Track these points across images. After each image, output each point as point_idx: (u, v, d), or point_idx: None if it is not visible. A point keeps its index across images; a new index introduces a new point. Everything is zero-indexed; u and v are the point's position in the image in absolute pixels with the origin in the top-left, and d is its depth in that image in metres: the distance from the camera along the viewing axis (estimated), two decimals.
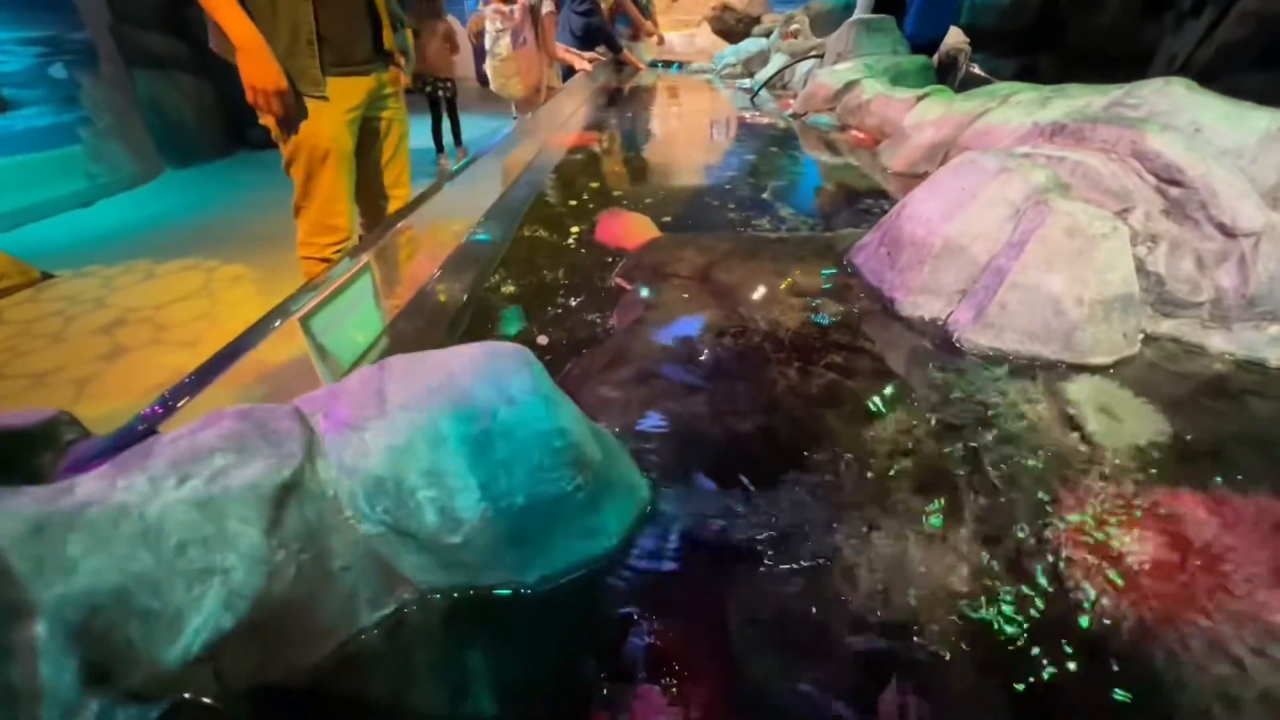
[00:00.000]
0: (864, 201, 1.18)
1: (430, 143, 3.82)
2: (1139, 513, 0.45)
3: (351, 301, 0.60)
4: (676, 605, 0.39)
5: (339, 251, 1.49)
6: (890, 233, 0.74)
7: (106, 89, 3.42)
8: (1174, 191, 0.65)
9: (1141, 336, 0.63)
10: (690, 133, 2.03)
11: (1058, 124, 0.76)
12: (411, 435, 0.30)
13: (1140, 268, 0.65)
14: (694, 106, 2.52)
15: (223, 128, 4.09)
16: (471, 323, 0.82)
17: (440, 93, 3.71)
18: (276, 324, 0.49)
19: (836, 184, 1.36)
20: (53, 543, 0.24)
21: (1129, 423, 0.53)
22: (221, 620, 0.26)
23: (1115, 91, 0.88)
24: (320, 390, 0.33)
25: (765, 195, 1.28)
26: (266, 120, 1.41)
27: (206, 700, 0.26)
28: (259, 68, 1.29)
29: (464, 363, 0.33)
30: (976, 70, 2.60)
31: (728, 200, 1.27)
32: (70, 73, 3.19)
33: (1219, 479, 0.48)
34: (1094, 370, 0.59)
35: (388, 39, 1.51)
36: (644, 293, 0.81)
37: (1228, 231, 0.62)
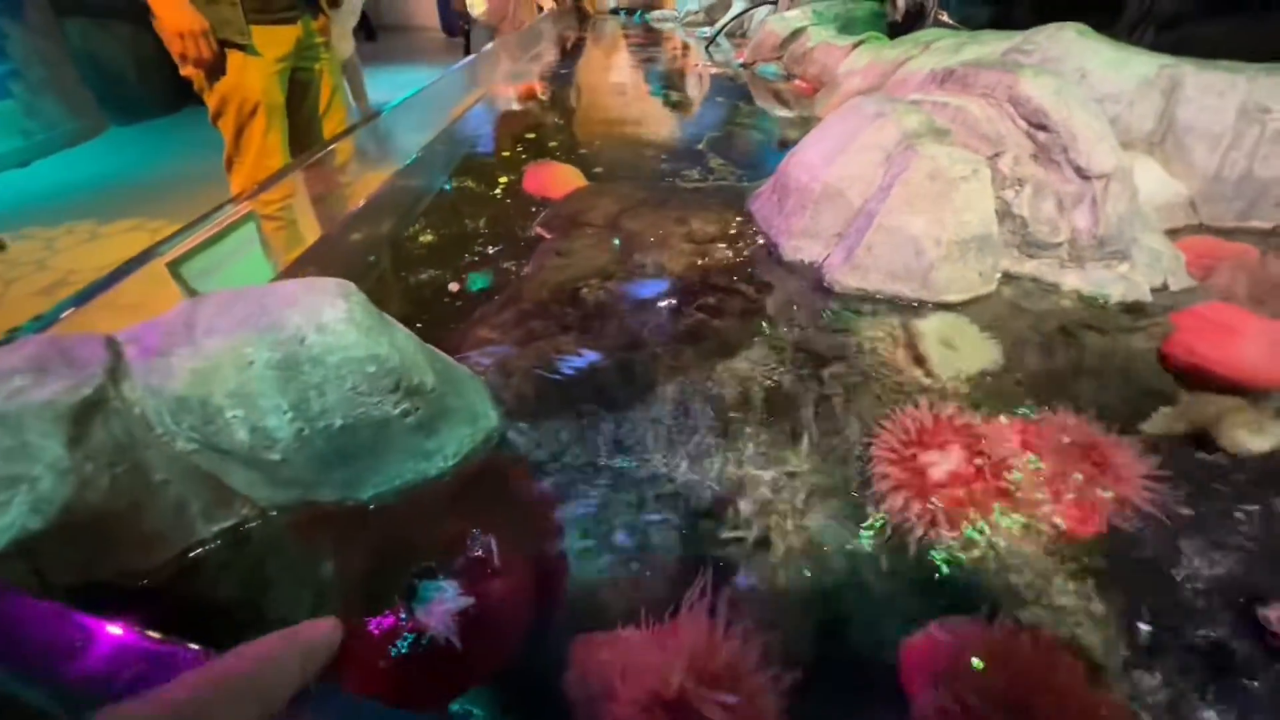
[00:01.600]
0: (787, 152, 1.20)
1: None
2: (951, 435, 0.50)
3: (237, 246, 0.61)
4: (509, 522, 0.43)
5: (283, 208, 1.48)
6: (780, 179, 0.76)
7: (36, 39, 3.23)
8: (1041, 136, 0.68)
9: (1000, 276, 0.67)
10: (639, 83, 1.99)
11: (948, 70, 0.78)
12: (217, 359, 0.33)
13: (1007, 210, 0.68)
14: (649, 56, 2.46)
15: (169, 82, 3.90)
16: (380, 270, 0.84)
17: None
18: (137, 270, 0.50)
19: (769, 134, 1.36)
20: None
21: (967, 356, 0.58)
22: (28, 521, 0.29)
23: (1017, 38, 0.89)
24: (139, 324, 0.35)
25: (700, 146, 1.28)
26: (189, 71, 1.37)
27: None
28: (178, 11, 1.25)
29: (278, 295, 0.36)
30: (946, 19, 2.56)
31: (662, 151, 1.27)
32: None
33: (1035, 405, 0.53)
34: (948, 308, 0.63)
35: None
36: (558, 241, 0.83)
37: (1083, 174, 0.65)
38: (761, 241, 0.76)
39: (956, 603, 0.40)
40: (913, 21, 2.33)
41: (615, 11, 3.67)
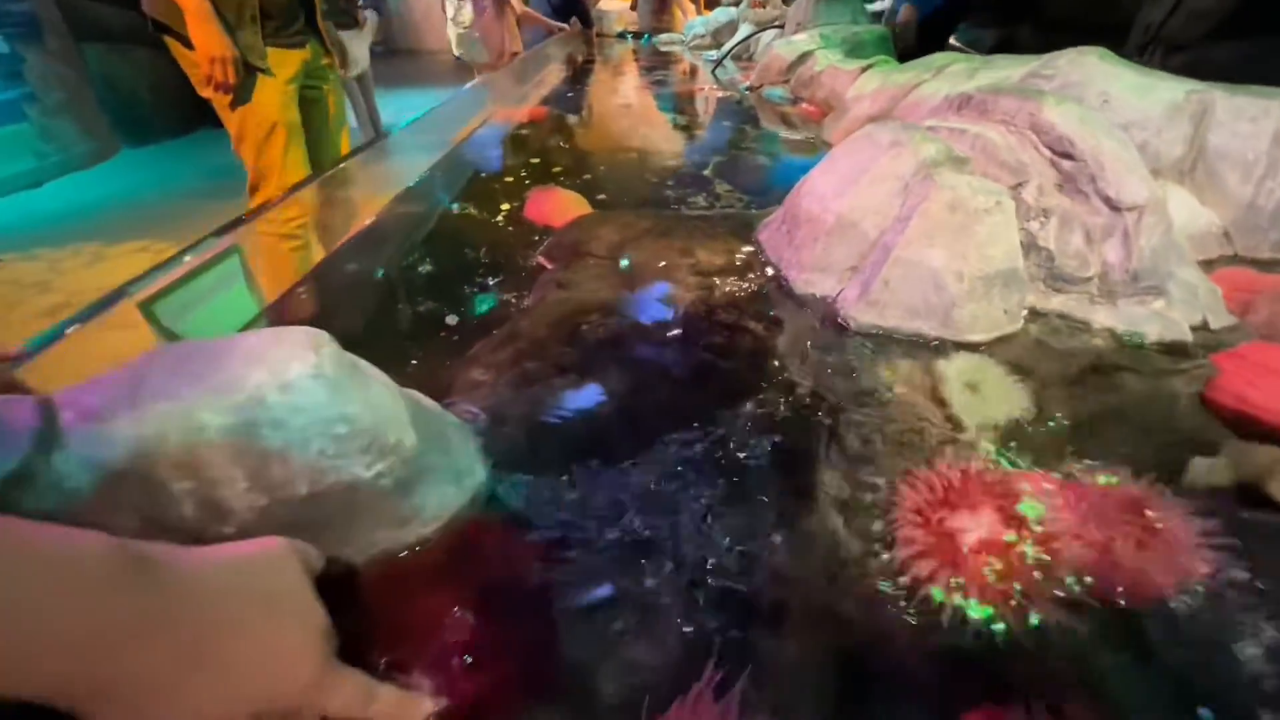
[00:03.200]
0: (796, 178, 1.17)
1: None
2: (981, 494, 0.45)
3: (221, 280, 0.58)
4: (494, 598, 0.38)
5: (302, 226, 1.50)
6: (790, 209, 0.73)
7: (54, 64, 3.29)
8: (1066, 164, 0.64)
9: (1026, 313, 0.63)
10: (646, 108, 1.99)
11: (965, 96, 0.75)
12: (162, 426, 0.29)
13: (1032, 243, 0.64)
14: (655, 80, 2.46)
15: (182, 105, 3.96)
16: (375, 302, 0.81)
17: None
18: (108, 310, 0.47)
19: (776, 159, 1.34)
20: None
21: (994, 401, 0.53)
22: None
23: (1035, 63, 0.86)
24: (84, 381, 0.32)
25: (706, 172, 1.26)
26: (211, 93, 1.39)
27: None
28: (214, 36, 1.29)
29: (240, 350, 0.32)
30: (953, 42, 2.55)
31: (668, 177, 1.25)
32: (12, 46, 3.06)
33: (1071, 456, 0.49)
34: (973, 347, 0.59)
35: (319, 15, 1.50)
36: (560, 272, 0.80)
37: (1113, 205, 0.61)
38: (771, 274, 0.72)
39: (994, 685, 0.36)
40: (924, 45, 2.31)
41: (622, 35, 3.71)
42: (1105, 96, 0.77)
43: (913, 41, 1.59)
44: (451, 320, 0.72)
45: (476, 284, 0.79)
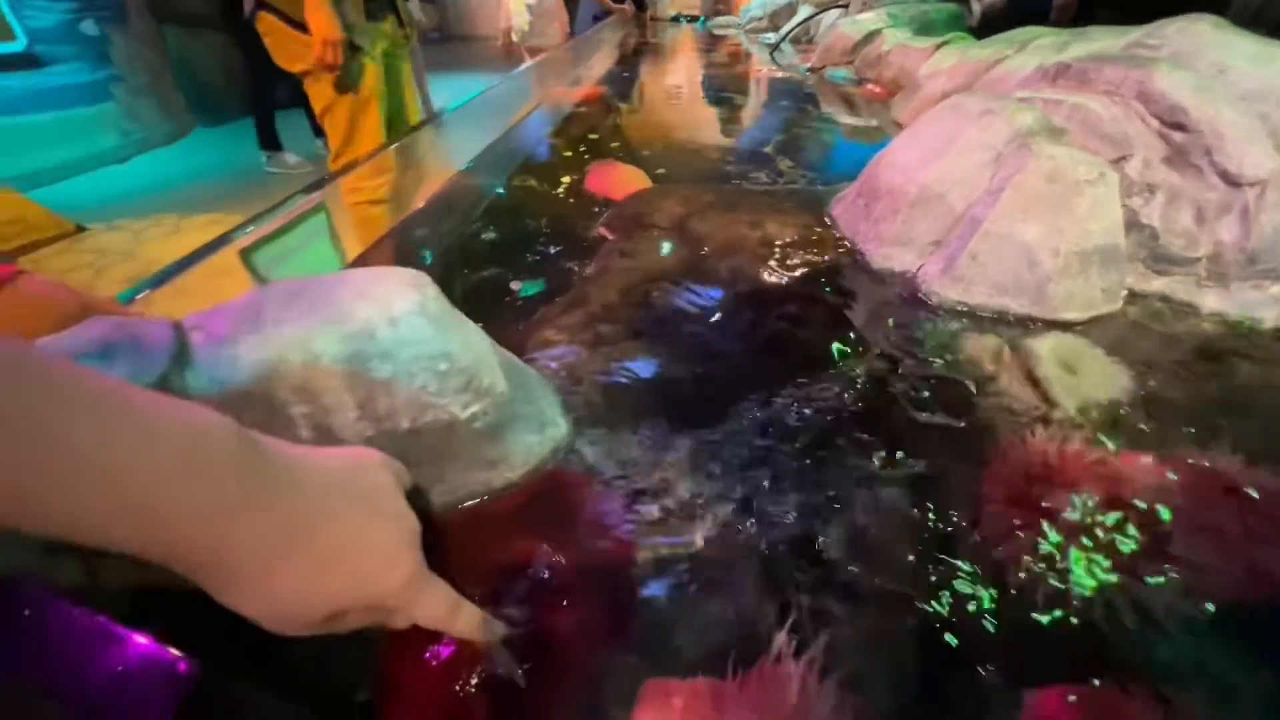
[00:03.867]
0: (865, 156, 1.13)
1: None
2: (1080, 473, 0.43)
3: (307, 236, 0.60)
4: (577, 545, 0.39)
5: (383, 190, 1.58)
6: (868, 182, 0.71)
7: (138, 46, 3.47)
8: (1177, 137, 0.60)
9: (1126, 294, 0.59)
10: (702, 89, 1.96)
11: (1061, 65, 0.70)
12: (284, 351, 0.30)
13: (1134, 220, 0.60)
14: (711, 62, 2.42)
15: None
16: (441, 268, 0.82)
17: None
18: (211, 255, 0.49)
19: (840, 138, 1.30)
20: None
21: (1092, 380, 0.50)
22: None
23: (1136, 32, 0.81)
24: (208, 309, 0.33)
25: (768, 149, 1.23)
26: (316, 68, 1.46)
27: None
28: (329, 20, 1.37)
29: (348, 285, 0.33)
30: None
31: (728, 154, 1.23)
32: (102, 29, 3.24)
33: (1179, 441, 0.46)
34: (1066, 326, 0.56)
35: None
36: (621, 243, 0.80)
37: (1231, 180, 0.57)
38: (846, 247, 0.70)
39: (1086, 667, 0.34)
40: (995, 27, 2.19)
41: (677, 19, 3.66)
42: (1220, 67, 0.71)
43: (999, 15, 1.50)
44: (515, 286, 0.73)
45: (538, 252, 0.80)
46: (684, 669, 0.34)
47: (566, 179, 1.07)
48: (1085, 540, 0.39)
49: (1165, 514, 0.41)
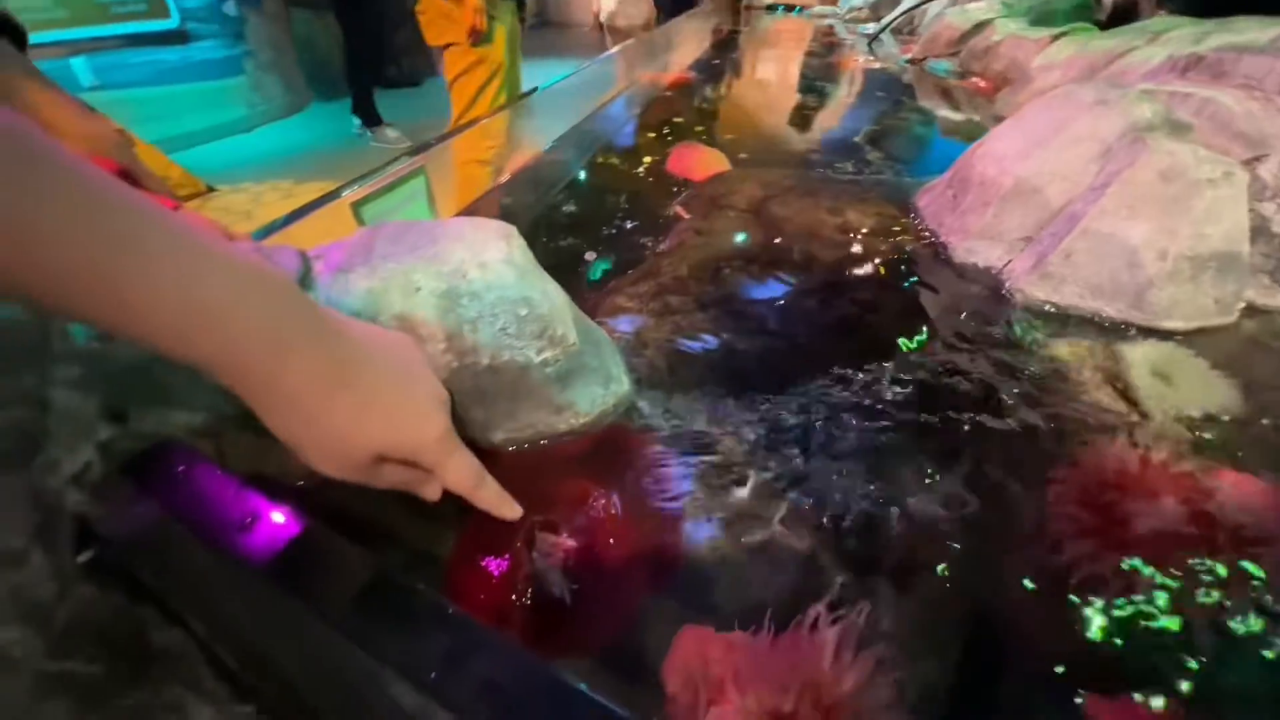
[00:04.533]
0: (959, 151, 1.08)
1: None
2: (1164, 484, 0.41)
3: (405, 198, 0.65)
4: (630, 492, 0.41)
5: (493, 152, 1.71)
6: (961, 171, 0.68)
7: (269, 26, 3.80)
8: None
9: (1242, 307, 0.54)
10: (793, 77, 1.91)
11: (1194, 56, 0.65)
12: (388, 282, 0.34)
13: (1263, 228, 0.55)
14: (805, 51, 2.36)
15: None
16: (524, 233, 0.86)
17: None
18: (325, 206, 0.55)
19: (936, 131, 1.24)
20: None
21: (1189, 393, 0.47)
22: (223, 408, 0.31)
23: None
24: (330, 243, 0.38)
25: (857, 139, 1.20)
26: (466, 39, 1.59)
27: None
28: None
29: (448, 229, 0.37)
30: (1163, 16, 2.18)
31: (815, 143, 1.21)
32: (240, 10, 3.56)
33: None
34: (1166, 335, 0.52)
35: None
36: (698, 221, 0.81)
37: None
38: (928, 239, 0.68)
39: (1145, 684, 0.32)
40: (1124, 17, 2.00)
41: (773, 7, 3.57)
42: None
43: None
44: (590, 256, 0.76)
45: (615, 227, 0.83)
46: (720, 622, 0.36)
47: (648, 160, 1.09)
48: (1157, 552, 0.37)
49: (1260, 535, 0.38)
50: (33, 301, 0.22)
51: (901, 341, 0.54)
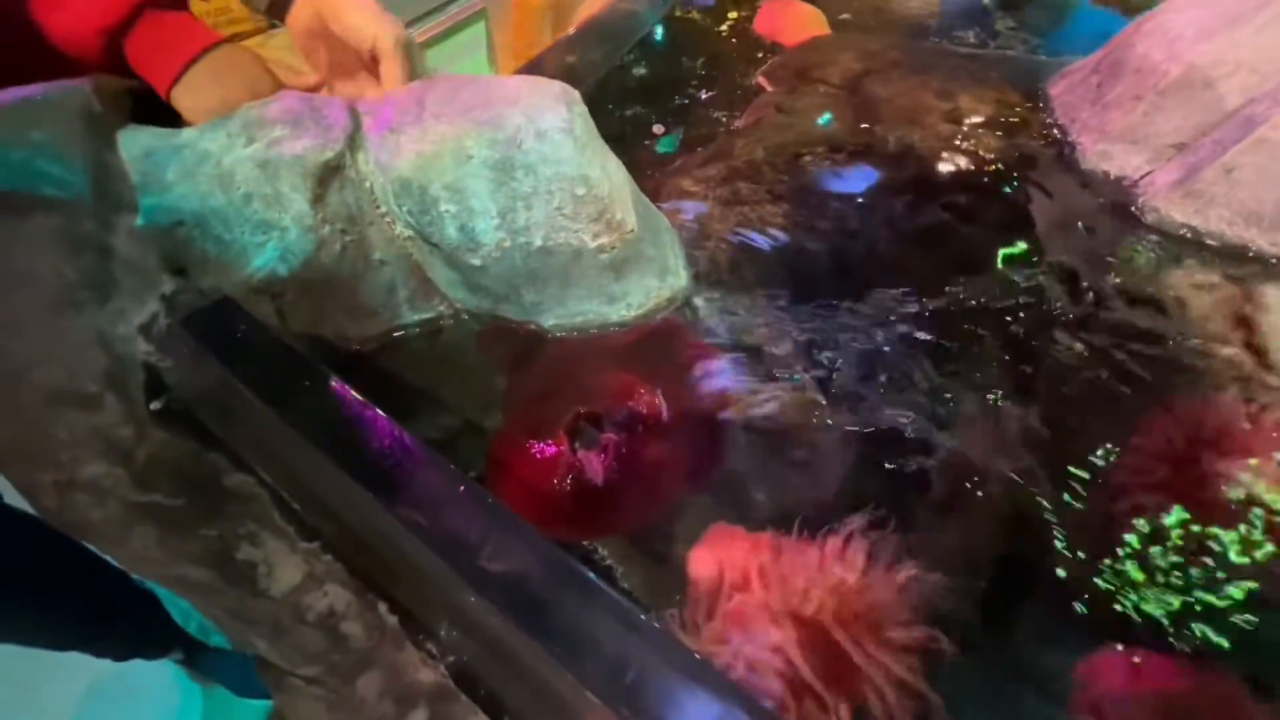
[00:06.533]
0: (1115, 27, 0.89)
1: None
2: (1264, 445, 0.36)
3: (464, 46, 0.60)
4: (676, 389, 0.40)
5: None
6: (1115, 52, 0.56)
7: None
8: None
9: None
10: None
11: None
12: (439, 146, 0.31)
13: None
14: None
15: None
16: (585, 98, 0.80)
17: None
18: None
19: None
20: (156, 166, 0.29)
21: None
22: (277, 268, 0.31)
23: None
24: (379, 96, 0.35)
25: (986, 2, 1.00)
26: None
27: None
28: None
29: (504, 89, 0.33)
30: None
31: (933, 3, 1.02)
32: None
33: None
34: None
35: None
36: (781, 95, 0.72)
37: None
38: (1055, 136, 0.58)
39: (1184, 642, 0.32)
40: None
41: None
42: None
43: None
44: (658, 130, 0.69)
45: (688, 95, 0.75)
46: (752, 524, 0.36)
47: (734, 15, 0.95)
48: (1232, 515, 0.34)
49: None
50: None
51: (996, 256, 0.48)
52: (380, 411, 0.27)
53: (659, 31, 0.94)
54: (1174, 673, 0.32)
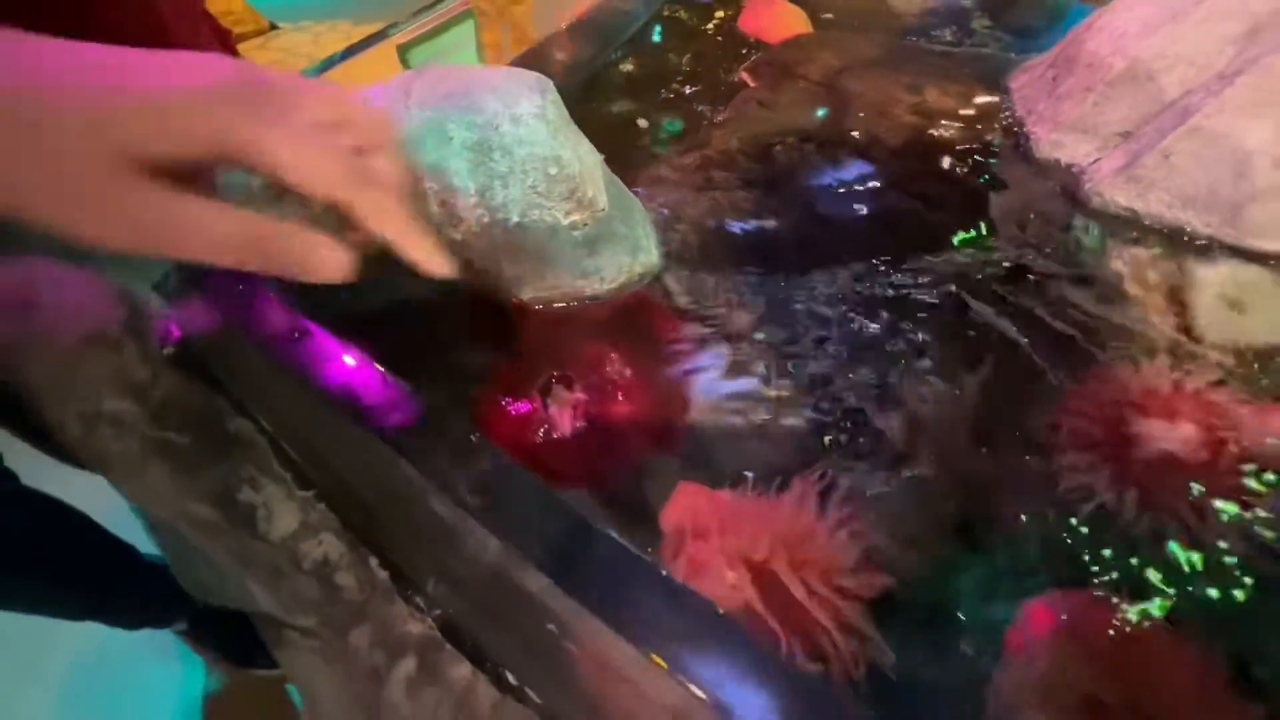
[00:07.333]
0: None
1: None
2: (1188, 408, 0.40)
3: (453, 43, 0.63)
4: (645, 358, 0.43)
5: None
6: (1068, 48, 0.59)
7: None
8: None
9: None
10: None
11: None
12: (423, 131, 0.35)
13: None
14: None
15: None
16: (572, 98, 0.83)
17: None
18: (370, 48, 0.54)
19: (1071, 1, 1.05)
20: None
21: (1261, 323, 0.44)
22: None
23: None
24: (373, 85, 0.38)
25: (966, 2, 1.03)
26: None
27: None
28: None
29: (483, 79, 0.36)
30: None
31: (914, 5, 1.05)
32: None
33: None
34: (1256, 259, 0.47)
35: None
36: (762, 91, 0.76)
37: None
38: (1012, 128, 0.61)
39: (1119, 590, 0.34)
40: None
41: None
42: None
43: None
44: (643, 123, 0.72)
45: (674, 91, 0.78)
46: (716, 484, 0.39)
47: (721, 14, 0.99)
48: (1158, 472, 0.37)
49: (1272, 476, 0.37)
50: None
51: (952, 239, 0.51)
52: (376, 363, 0.30)
53: (649, 29, 0.97)
54: (1099, 615, 0.35)
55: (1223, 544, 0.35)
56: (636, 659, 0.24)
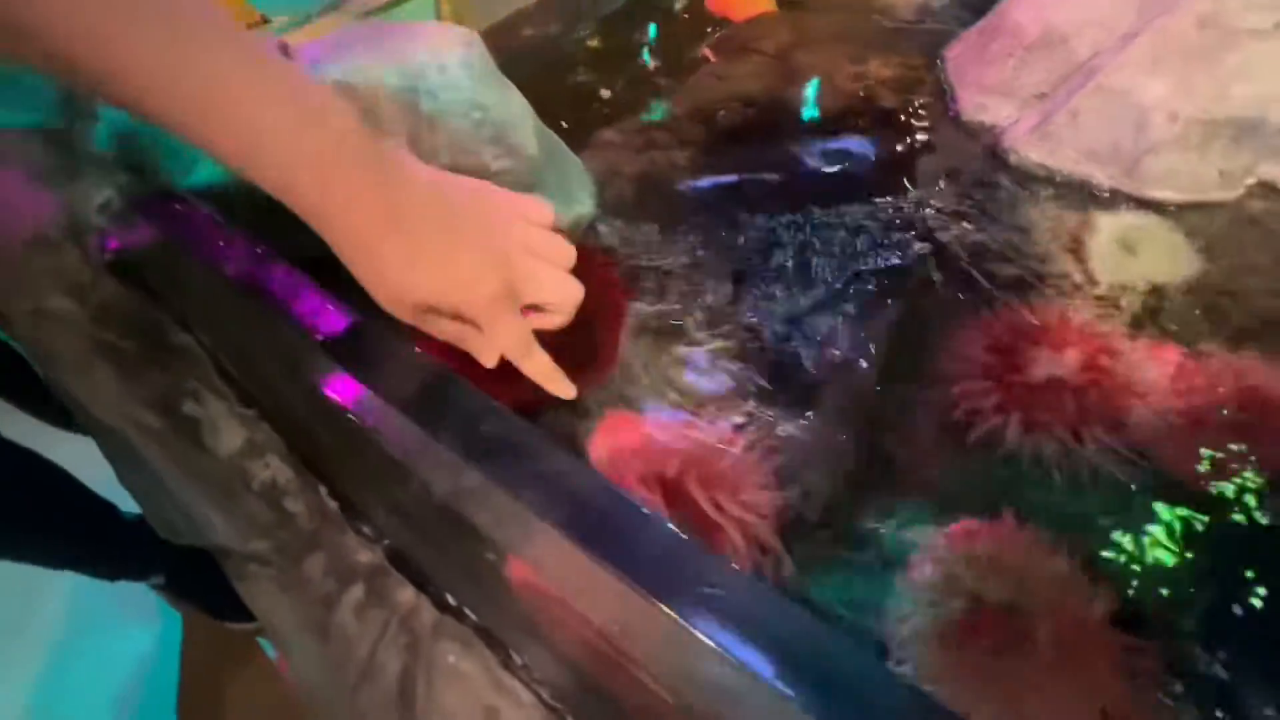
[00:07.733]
0: None
1: None
2: (1074, 340, 0.43)
3: (412, 16, 0.66)
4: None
5: None
6: (995, 20, 0.62)
7: None
8: None
9: (1253, 182, 0.51)
10: None
11: None
12: (355, 76, 0.38)
13: None
14: None
15: None
16: (540, 70, 0.85)
17: None
18: (328, 16, 0.57)
19: None
20: None
21: (1150, 265, 0.47)
22: (217, 178, 0.38)
23: None
24: (311, 40, 0.41)
25: None
26: None
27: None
28: None
29: (414, 32, 0.39)
30: None
31: None
32: None
33: (1220, 341, 0.42)
34: (1154, 207, 0.50)
35: None
36: (720, 66, 0.79)
37: None
38: (941, 94, 0.64)
39: (1002, 503, 0.37)
40: None
41: None
42: None
43: None
44: (605, 94, 0.75)
45: (638, 65, 0.81)
46: (642, 411, 0.43)
47: None
48: (1041, 396, 0.40)
49: (1148, 396, 0.40)
50: (111, 100, 0.24)
51: (875, 195, 0.54)
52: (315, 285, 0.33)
53: (616, 7, 1.00)
54: (989, 529, 0.38)
55: (1094, 460, 0.38)
56: (564, 574, 0.24)
